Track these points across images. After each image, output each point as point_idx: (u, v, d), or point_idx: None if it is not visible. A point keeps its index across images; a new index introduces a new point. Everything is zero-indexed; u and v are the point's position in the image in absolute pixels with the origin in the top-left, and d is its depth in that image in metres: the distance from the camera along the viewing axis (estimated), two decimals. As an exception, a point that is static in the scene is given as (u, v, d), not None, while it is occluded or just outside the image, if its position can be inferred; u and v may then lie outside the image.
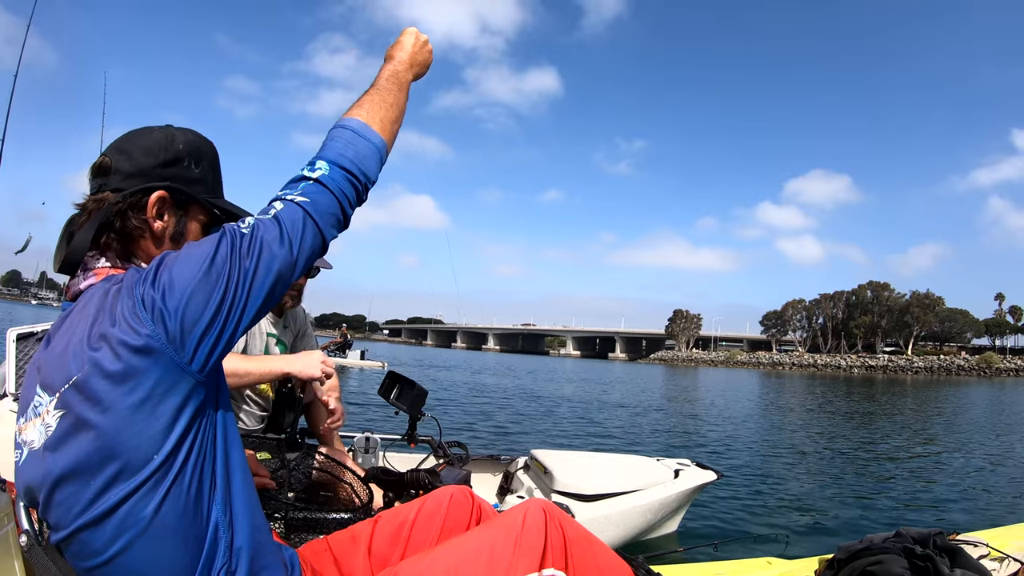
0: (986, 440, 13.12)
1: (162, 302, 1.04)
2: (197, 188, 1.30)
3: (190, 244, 1.11)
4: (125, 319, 1.04)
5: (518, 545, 1.33)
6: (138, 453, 1.04)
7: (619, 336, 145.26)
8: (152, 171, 1.25)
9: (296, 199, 1.18)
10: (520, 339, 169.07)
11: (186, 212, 1.30)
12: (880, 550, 2.00)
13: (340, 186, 1.23)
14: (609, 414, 15.37)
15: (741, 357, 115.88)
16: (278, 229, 1.14)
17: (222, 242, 1.09)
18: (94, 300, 1.13)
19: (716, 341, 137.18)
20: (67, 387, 1.06)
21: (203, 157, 1.33)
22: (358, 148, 1.28)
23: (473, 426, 10.57)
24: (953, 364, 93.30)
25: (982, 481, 8.33)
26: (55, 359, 1.12)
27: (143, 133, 1.29)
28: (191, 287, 1.05)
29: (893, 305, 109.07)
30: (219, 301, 1.07)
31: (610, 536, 3.96)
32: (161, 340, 1.03)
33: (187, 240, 1.29)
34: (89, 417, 1.03)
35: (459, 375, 29.95)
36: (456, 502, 1.65)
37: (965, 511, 6.44)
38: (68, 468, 1.06)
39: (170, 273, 1.06)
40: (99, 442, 1.03)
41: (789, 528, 5.34)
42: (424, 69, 1.56)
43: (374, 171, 1.31)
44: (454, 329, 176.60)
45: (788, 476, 8.01)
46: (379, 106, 1.37)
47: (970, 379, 75.87)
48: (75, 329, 1.11)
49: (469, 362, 50.74)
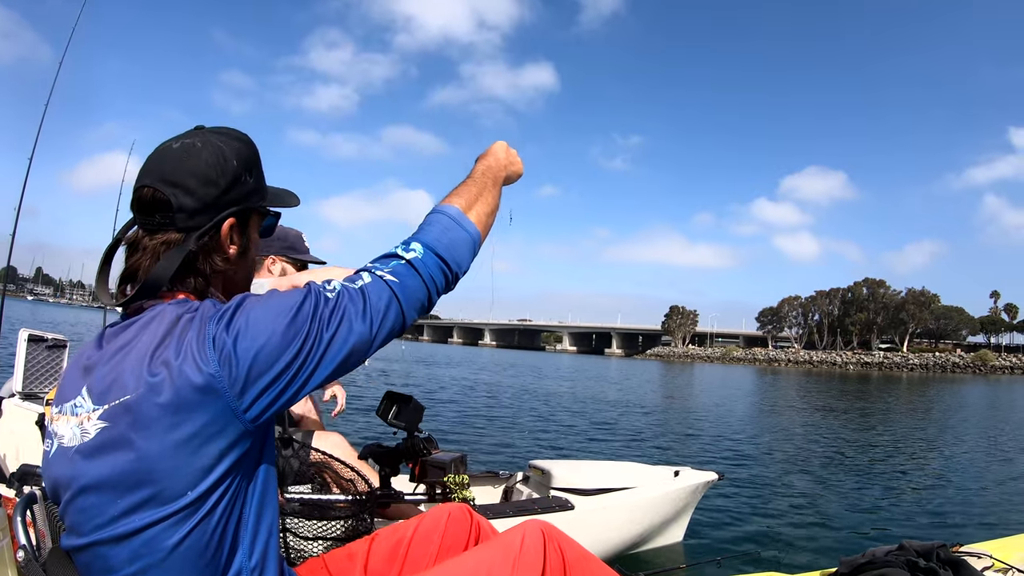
0: (987, 448, 13.11)
1: (232, 346, 1.03)
2: (255, 199, 1.27)
3: (272, 293, 1.11)
4: (192, 353, 1.02)
5: (516, 568, 1.31)
6: (173, 485, 1.02)
7: (615, 332, 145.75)
8: (216, 202, 1.18)
9: (386, 276, 1.18)
10: (516, 335, 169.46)
11: (248, 224, 1.27)
12: (883, 564, 1.99)
13: (431, 272, 1.23)
14: (607, 416, 15.37)
15: (737, 353, 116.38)
16: (363, 303, 1.13)
17: (306, 301, 1.08)
18: (164, 320, 1.10)
19: (712, 337, 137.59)
20: (117, 403, 1.04)
21: (253, 163, 1.27)
22: (454, 237, 1.28)
23: (471, 437, 10.49)
24: (948, 361, 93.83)
25: (985, 492, 8.31)
26: (108, 367, 1.09)
27: (190, 156, 1.17)
28: (265, 338, 1.04)
29: (889, 302, 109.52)
30: (289, 360, 1.06)
31: (612, 535, 3.93)
32: (223, 383, 1.02)
33: (250, 248, 1.29)
34: (132, 438, 1.02)
35: (460, 371, 29.97)
36: (454, 519, 1.63)
37: (968, 522, 6.41)
38: (99, 480, 1.04)
39: (247, 318, 1.05)
40: (137, 464, 1.02)
41: (790, 541, 5.32)
42: (515, 176, 1.58)
43: (467, 261, 1.31)
44: (450, 325, 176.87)
45: (788, 486, 7.98)
46: (476, 197, 1.38)
47: (965, 376, 76.27)
48: (137, 343, 1.09)
49: (468, 359, 50.77)
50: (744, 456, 9.83)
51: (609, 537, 3.90)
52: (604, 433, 11.86)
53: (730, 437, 12.04)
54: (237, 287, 1.28)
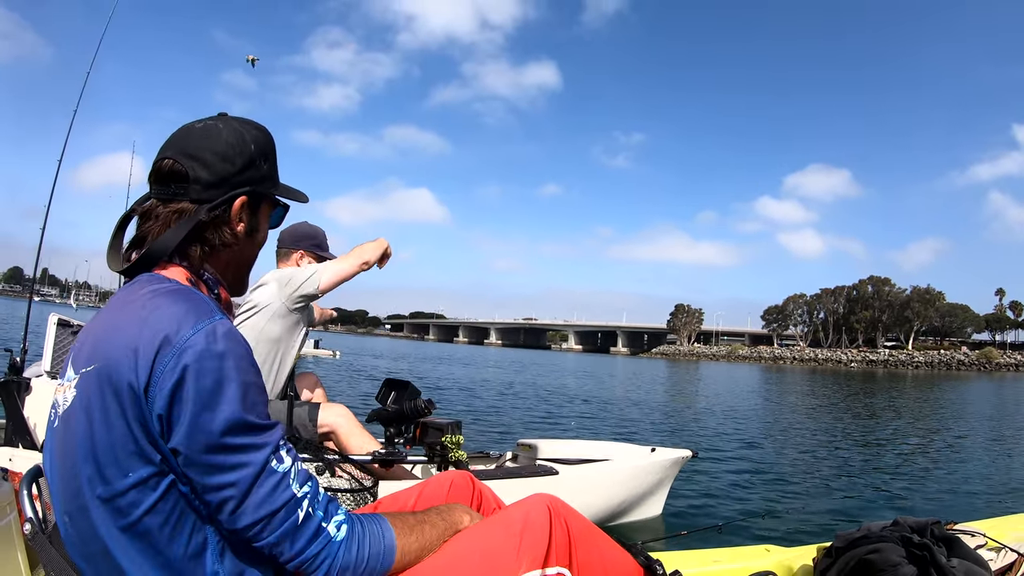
0: (985, 432, 13.15)
1: (167, 411, 1.02)
2: (267, 185, 1.29)
3: (227, 400, 1.04)
4: (143, 353, 1.03)
5: (521, 542, 1.30)
6: (111, 465, 1.04)
7: (621, 330, 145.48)
8: (231, 179, 1.22)
9: (302, 513, 1.11)
10: (522, 334, 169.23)
11: (259, 209, 1.29)
12: (878, 538, 2.01)
13: (329, 561, 1.13)
14: (610, 409, 15.35)
15: (742, 351, 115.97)
16: (274, 488, 1.08)
17: (250, 441, 1.07)
18: (142, 296, 1.12)
19: (718, 335, 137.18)
20: (85, 371, 1.07)
21: (269, 152, 1.29)
22: (370, 568, 1.19)
23: (468, 426, 10.54)
24: (953, 359, 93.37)
25: (980, 471, 8.34)
26: (88, 335, 1.14)
27: (211, 134, 1.22)
28: (190, 425, 1.02)
29: (894, 300, 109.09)
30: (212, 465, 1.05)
31: (593, 500, 4.14)
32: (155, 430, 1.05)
33: (258, 232, 1.31)
34: (88, 409, 1.05)
35: (466, 371, 29.93)
36: (457, 487, 1.62)
37: (963, 501, 6.45)
38: (64, 450, 1.08)
39: (193, 407, 1.02)
40: (87, 438, 1.05)
41: (788, 517, 5.36)
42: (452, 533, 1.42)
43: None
44: (456, 324, 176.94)
45: (788, 465, 8.03)
46: (414, 554, 1.27)
47: (970, 374, 75.96)
48: (114, 315, 1.12)
49: (477, 358, 50.70)
50: (744, 442, 9.82)
51: (590, 502, 4.10)
52: (601, 423, 11.87)
53: (733, 426, 12.04)
54: (239, 267, 1.31)
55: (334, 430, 3.29)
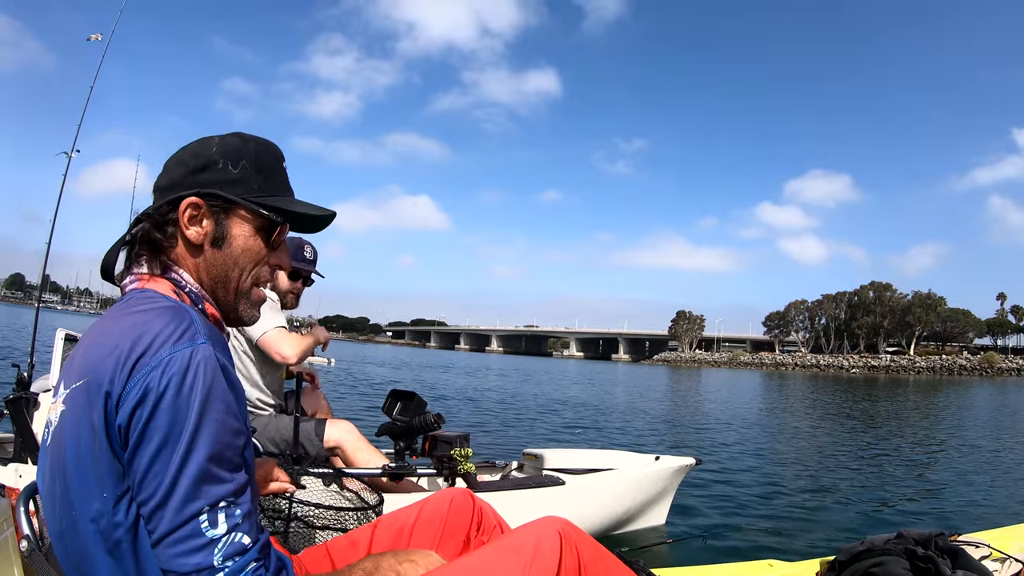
0: (988, 441, 13.10)
1: (125, 424, 0.99)
2: (236, 189, 1.19)
3: (182, 444, 0.98)
4: (117, 379, 1.00)
5: (530, 570, 1.25)
6: (98, 483, 1.01)
7: (622, 337, 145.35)
8: (183, 180, 1.18)
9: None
10: (523, 340, 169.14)
11: (227, 215, 1.20)
12: (881, 552, 2.00)
13: None
14: (610, 418, 15.35)
15: (744, 358, 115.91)
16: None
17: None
18: (128, 317, 1.09)
19: (719, 342, 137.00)
20: (71, 388, 1.05)
21: (243, 157, 1.20)
22: None
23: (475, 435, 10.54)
24: (955, 364, 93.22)
25: (984, 481, 8.31)
26: (79, 354, 1.10)
27: (187, 145, 1.23)
28: (142, 471, 0.98)
29: (895, 305, 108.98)
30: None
31: (599, 511, 4.16)
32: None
33: (231, 244, 1.21)
34: (66, 427, 1.04)
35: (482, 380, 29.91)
36: (457, 506, 1.61)
37: (966, 512, 6.42)
38: (50, 468, 1.07)
39: (148, 433, 0.98)
40: (75, 454, 1.02)
41: (790, 530, 5.34)
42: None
43: None
44: (457, 331, 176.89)
45: (790, 475, 8.01)
46: None
47: (972, 379, 75.84)
48: (101, 333, 1.09)
49: (479, 365, 50.68)
50: (746, 452, 9.82)
51: (596, 513, 4.14)
52: (603, 433, 11.85)
53: (734, 434, 12.03)
54: (214, 282, 1.22)
55: (340, 446, 3.32)
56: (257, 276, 1.25)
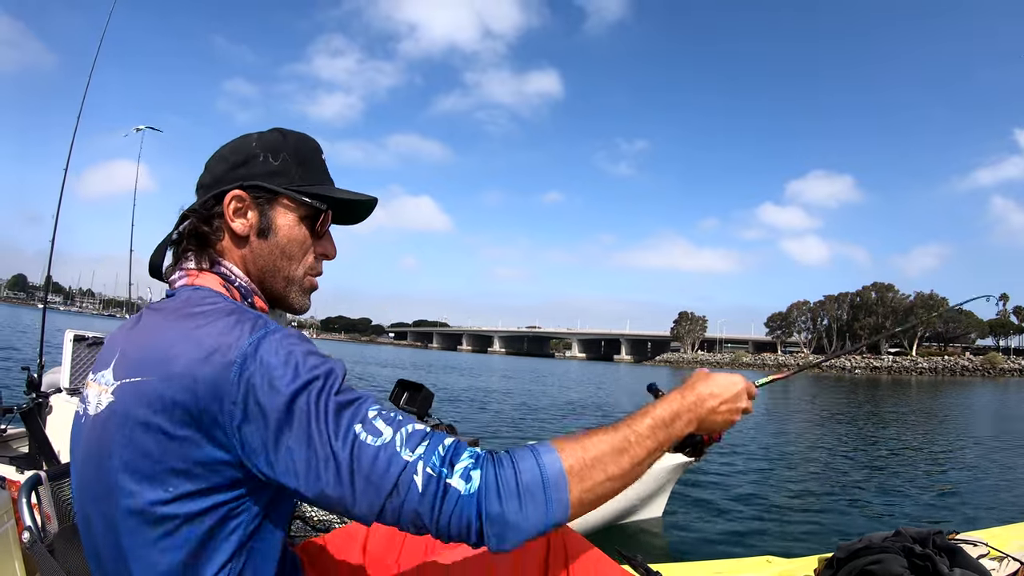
0: (988, 440, 13.09)
1: (240, 425, 0.97)
2: (277, 180, 1.20)
3: (299, 393, 0.96)
4: (201, 387, 0.97)
5: (518, 562, 1.28)
6: (155, 480, 1.00)
7: (624, 338, 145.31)
8: (225, 176, 1.20)
9: (420, 472, 0.95)
10: (525, 342, 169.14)
11: (271, 206, 1.21)
12: (879, 549, 2.00)
13: (453, 518, 0.96)
14: (617, 414, 15.34)
15: (746, 359, 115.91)
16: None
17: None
18: (193, 318, 1.06)
19: (721, 343, 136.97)
20: (127, 382, 1.03)
21: (283, 149, 1.22)
22: (526, 509, 0.98)
23: (475, 432, 10.56)
24: (957, 365, 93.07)
25: (982, 480, 8.32)
26: (131, 345, 1.09)
27: (227, 143, 1.25)
28: (285, 443, 0.96)
29: (897, 306, 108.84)
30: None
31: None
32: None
33: (276, 234, 1.22)
34: (131, 420, 1.01)
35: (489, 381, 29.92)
36: None
37: (964, 511, 6.43)
38: (89, 452, 1.06)
39: (267, 413, 0.96)
40: (126, 449, 1.01)
41: (790, 528, 5.35)
42: (706, 429, 1.24)
43: (516, 542, 0.98)
44: (459, 332, 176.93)
45: (789, 473, 8.02)
46: (608, 465, 1.06)
47: (974, 379, 75.77)
48: (164, 332, 1.06)
49: (482, 366, 50.66)
50: (747, 449, 9.81)
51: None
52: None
53: (736, 433, 12.00)
54: (263, 274, 1.23)
55: None
56: (308, 265, 1.26)
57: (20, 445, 4.71)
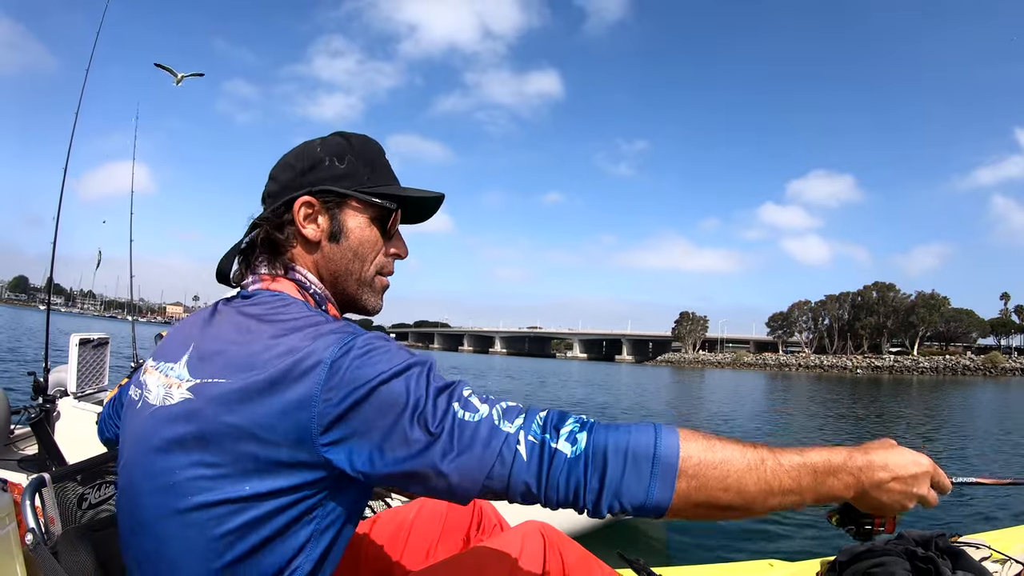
0: (991, 439, 13.08)
1: (334, 429, 0.96)
2: (345, 183, 1.21)
3: (394, 385, 0.96)
4: (291, 392, 0.96)
5: (514, 572, 1.26)
6: (229, 473, 0.99)
7: (625, 338, 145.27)
8: (292, 183, 1.20)
9: (522, 442, 0.95)
10: (526, 342, 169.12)
11: (340, 209, 1.22)
12: (882, 552, 2.00)
13: (560, 479, 0.94)
14: (619, 415, 15.36)
15: (748, 359, 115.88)
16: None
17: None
18: (277, 323, 1.06)
19: (722, 343, 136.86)
20: (209, 382, 1.02)
21: (348, 152, 1.23)
22: (627, 483, 0.94)
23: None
24: (959, 364, 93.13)
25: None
26: (215, 346, 1.07)
27: (290, 151, 1.26)
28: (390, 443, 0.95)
29: (899, 306, 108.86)
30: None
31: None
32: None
33: (348, 237, 1.22)
34: (210, 418, 1.00)
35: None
36: (456, 504, 1.59)
37: (968, 513, 6.42)
38: (167, 445, 1.03)
39: (367, 412, 0.95)
40: (203, 444, 1.00)
41: (791, 530, 5.34)
42: (871, 506, 1.06)
43: (615, 508, 0.95)
44: (460, 332, 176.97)
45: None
46: (730, 476, 0.95)
47: (976, 379, 75.82)
48: (248, 334, 1.06)
49: (484, 366, 50.70)
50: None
51: None
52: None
53: (737, 433, 12.01)
54: (335, 278, 1.23)
55: None
56: (380, 265, 1.27)
57: (27, 446, 4.71)
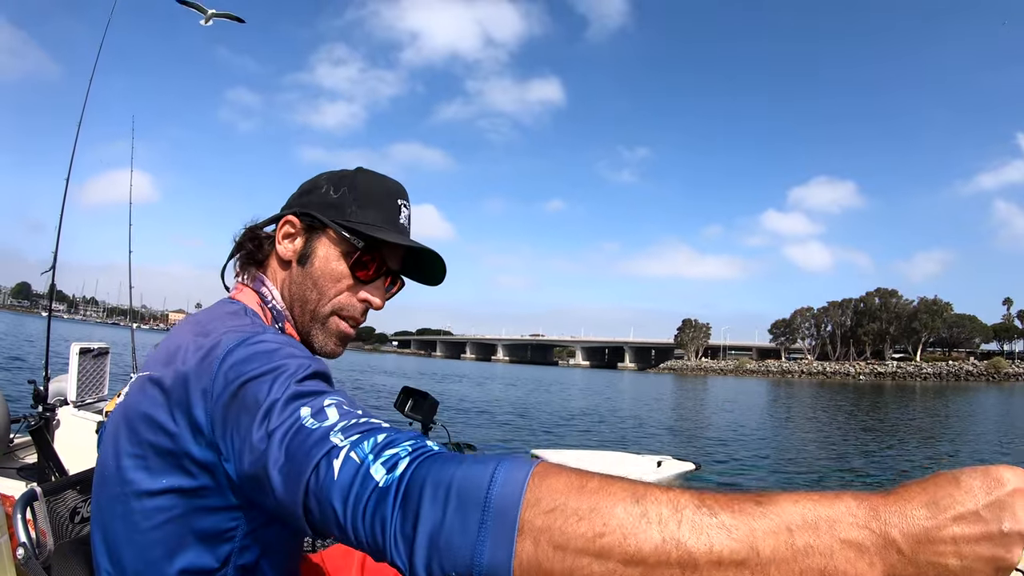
0: (993, 443, 13.05)
1: (209, 415, 0.94)
2: (329, 212, 1.20)
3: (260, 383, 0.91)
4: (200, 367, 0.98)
5: None
6: (148, 466, 0.99)
7: (628, 346, 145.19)
8: (292, 201, 1.27)
9: (341, 457, 0.74)
10: (529, 350, 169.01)
11: (318, 236, 1.21)
12: None
13: (375, 517, 0.70)
14: (622, 422, 15.31)
15: (750, 365, 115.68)
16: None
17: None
18: (214, 318, 1.10)
19: (725, 350, 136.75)
20: (144, 375, 1.05)
21: (345, 184, 1.23)
22: (446, 534, 0.64)
23: (482, 434, 10.56)
24: (962, 370, 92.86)
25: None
26: (159, 348, 1.10)
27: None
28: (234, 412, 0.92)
29: (901, 312, 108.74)
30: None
31: None
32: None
33: (313, 264, 1.20)
34: (135, 409, 1.02)
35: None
36: None
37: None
38: (110, 439, 1.05)
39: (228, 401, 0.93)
40: (131, 434, 1.00)
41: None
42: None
43: (429, 564, 0.65)
44: (463, 340, 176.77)
45: (792, 477, 7.99)
46: (613, 533, 0.59)
47: (979, 384, 75.62)
48: (180, 334, 1.09)
49: (486, 374, 50.64)
50: (751, 456, 9.81)
51: None
52: (609, 436, 11.81)
53: (739, 441, 11.99)
54: (295, 300, 1.22)
55: None
56: (338, 305, 1.22)
57: (27, 455, 4.72)
